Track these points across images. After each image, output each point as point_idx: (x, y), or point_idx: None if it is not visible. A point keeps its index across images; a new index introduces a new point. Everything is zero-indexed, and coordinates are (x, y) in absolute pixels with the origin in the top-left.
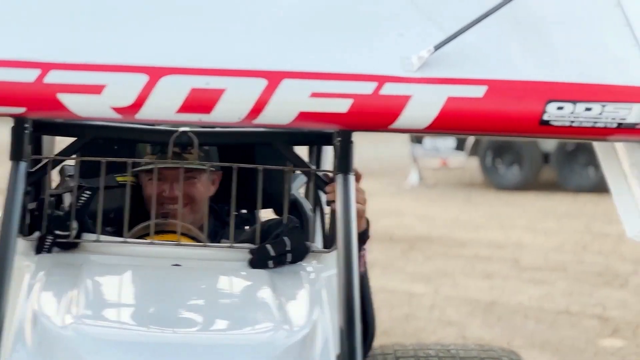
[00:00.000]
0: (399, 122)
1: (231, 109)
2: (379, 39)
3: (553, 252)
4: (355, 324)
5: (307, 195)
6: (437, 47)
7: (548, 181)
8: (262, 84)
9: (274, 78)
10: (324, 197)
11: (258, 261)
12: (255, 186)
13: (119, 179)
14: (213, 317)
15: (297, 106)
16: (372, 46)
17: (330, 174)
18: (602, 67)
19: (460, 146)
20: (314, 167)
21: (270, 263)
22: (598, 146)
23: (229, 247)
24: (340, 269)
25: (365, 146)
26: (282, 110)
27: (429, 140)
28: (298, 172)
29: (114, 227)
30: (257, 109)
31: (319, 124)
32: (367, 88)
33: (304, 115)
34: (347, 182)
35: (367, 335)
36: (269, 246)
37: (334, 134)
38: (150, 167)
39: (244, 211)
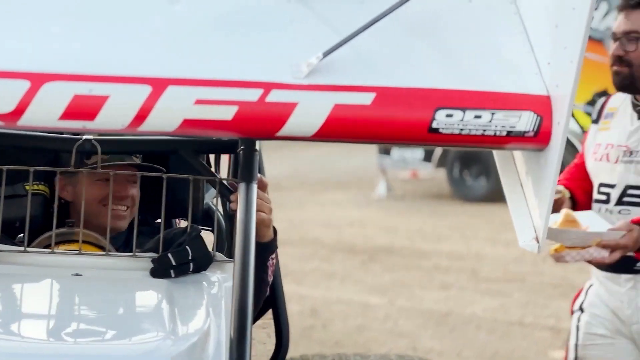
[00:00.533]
0: (286, 130)
1: (115, 116)
2: (271, 45)
3: (513, 263)
4: (246, 333)
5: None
6: (326, 54)
7: None
8: (146, 90)
9: (158, 85)
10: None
11: (159, 270)
12: (169, 194)
13: (28, 187)
14: (100, 328)
15: (181, 113)
16: (263, 53)
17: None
18: (494, 75)
19: (427, 157)
20: (219, 175)
21: (172, 272)
22: (497, 154)
23: (132, 256)
24: (236, 278)
25: (334, 157)
26: (166, 117)
27: (396, 151)
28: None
29: (21, 236)
30: (141, 116)
31: (204, 131)
32: (252, 95)
33: (188, 123)
34: (249, 191)
35: (281, 345)
36: (170, 255)
37: (238, 142)
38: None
39: (159, 220)
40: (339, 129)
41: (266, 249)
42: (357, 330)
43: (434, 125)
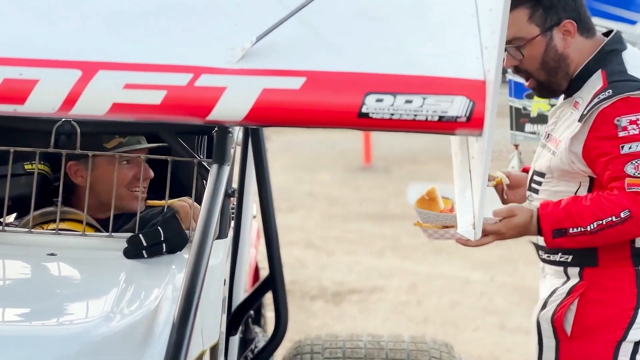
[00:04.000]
0: (215, 114)
1: (45, 100)
2: (202, 30)
3: None
4: (189, 316)
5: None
6: (259, 38)
7: None
8: (76, 75)
9: (88, 69)
10: None
11: (131, 251)
12: (166, 176)
13: (29, 167)
14: (43, 307)
15: (110, 97)
16: (194, 37)
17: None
18: (431, 59)
19: None
20: (200, 157)
21: (144, 253)
22: (453, 138)
23: (108, 236)
24: (191, 259)
25: None
26: (96, 101)
27: (529, 126)
28: None
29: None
30: (71, 100)
31: (133, 115)
32: (181, 80)
33: (117, 107)
34: (220, 172)
35: (279, 327)
36: (141, 236)
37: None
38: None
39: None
40: (267, 114)
41: None
42: (449, 306)
43: (364, 110)
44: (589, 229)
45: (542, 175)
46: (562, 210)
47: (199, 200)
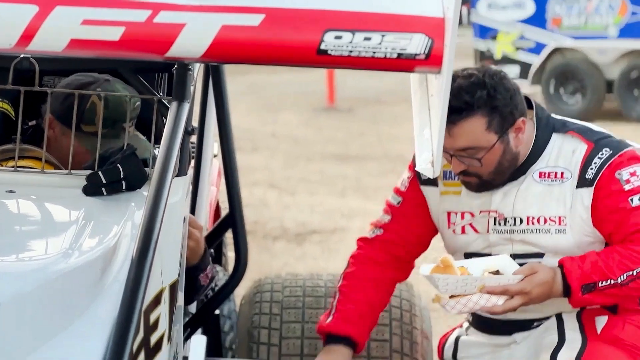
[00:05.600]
0: (174, 51)
1: (2, 35)
2: None
3: None
4: (148, 254)
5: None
6: None
7: (611, 110)
8: (33, 10)
9: (45, 4)
10: None
11: (90, 188)
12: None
13: None
14: (3, 245)
15: (68, 33)
16: None
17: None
18: None
19: (524, 74)
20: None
21: (103, 190)
22: (412, 76)
23: (67, 173)
24: (150, 196)
25: None
26: (54, 37)
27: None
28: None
29: None
30: (28, 35)
31: (91, 51)
32: (140, 16)
33: (75, 43)
34: (180, 110)
35: (239, 265)
36: (100, 173)
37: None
38: None
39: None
40: (226, 50)
41: (195, 268)
42: None
43: (323, 47)
44: (619, 281)
45: (537, 256)
46: (590, 264)
47: (158, 138)
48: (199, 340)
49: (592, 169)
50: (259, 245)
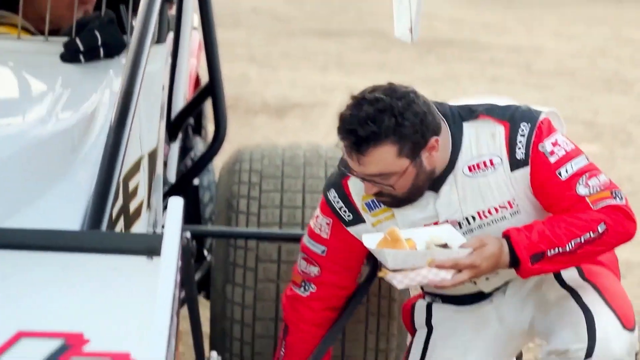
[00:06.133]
0: None
1: None
2: None
3: (570, 57)
4: (126, 119)
5: None
6: None
7: None
8: None
9: None
10: None
11: (68, 55)
12: None
13: None
14: None
15: None
16: None
17: None
18: None
19: None
20: None
21: (81, 57)
22: None
23: (44, 40)
24: (128, 63)
25: None
26: None
27: None
28: None
29: None
30: None
31: None
32: None
33: None
34: None
35: (219, 134)
36: (78, 40)
37: None
38: None
39: None
40: None
41: None
42: None
43: None
44: (567, 248)
45: None
46: (537, 233)
47: (137, 6)
48: (176, 201)
49: (519, 148)
50: (240, 120)
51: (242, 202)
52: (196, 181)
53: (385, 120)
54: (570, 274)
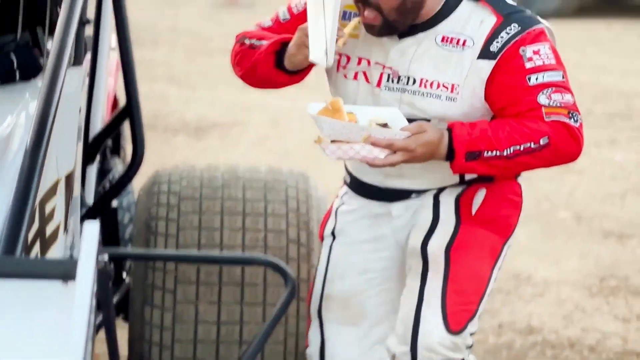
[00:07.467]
0: None
1: None
2: None
3: None
4: (42, 142)
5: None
6: None
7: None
8: None
9: None
10: None
11: None
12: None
13: None
14: None
15: None
16: None
17: None
18: None
19: None
20: None
21: None
22: None
23: None
24: (44, 86)
25: None
26: None
27: None
28: None
29: None
30: None
31: None
32: None
33: None
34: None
35: (136, 156)
36: None
37: None
38: None
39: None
40: None
41: None
42: (311, 141)
43: None
44: (505, 153)
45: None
46: (478, 132)
47: (53, 27)
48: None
49: (497, 42)
50: (159, 139)
51: (160, 223)
52: (115, 203)
53: None
54: (438, 243)
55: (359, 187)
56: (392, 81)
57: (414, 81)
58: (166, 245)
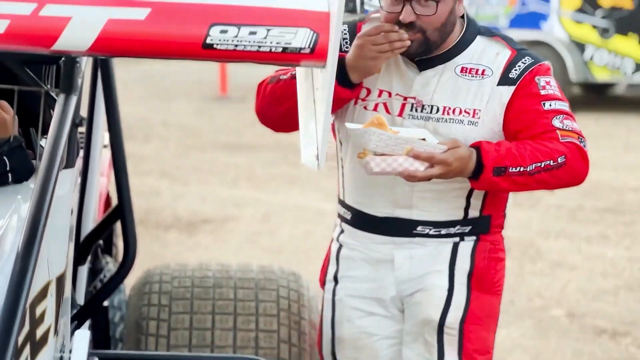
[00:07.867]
0: (60, 44)
1: None
2: None
3: None
4: (34, 245)
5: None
6: None
7: None
8: None
9: None
10: None
11: None
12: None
13: None
14: None
15: None
16: None
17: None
18: None
19: None
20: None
21: None
22: (299, 70)
23: None
24: (36, 189)
25: None
26: None
27: None
28: None
29: None
30: None
31: None
32: (25, 9)
33: None
34: (67, 102)
35: (127, 257)
36: None
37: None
38: None
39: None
40: (113, 44)
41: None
42: (303, 236)
43: (208, 41)
44: (528, 169)
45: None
46: (504, 149)
47: (46, 130)
48: (82, 335)
49: (515, 70)
50: (150, 235)
51: (151, 324)
52: (106, 302)
53: None
54: (454, 316)
55: (361, 221)
56: (416, 110)
57: (437, 109)
58: (157, 346)
